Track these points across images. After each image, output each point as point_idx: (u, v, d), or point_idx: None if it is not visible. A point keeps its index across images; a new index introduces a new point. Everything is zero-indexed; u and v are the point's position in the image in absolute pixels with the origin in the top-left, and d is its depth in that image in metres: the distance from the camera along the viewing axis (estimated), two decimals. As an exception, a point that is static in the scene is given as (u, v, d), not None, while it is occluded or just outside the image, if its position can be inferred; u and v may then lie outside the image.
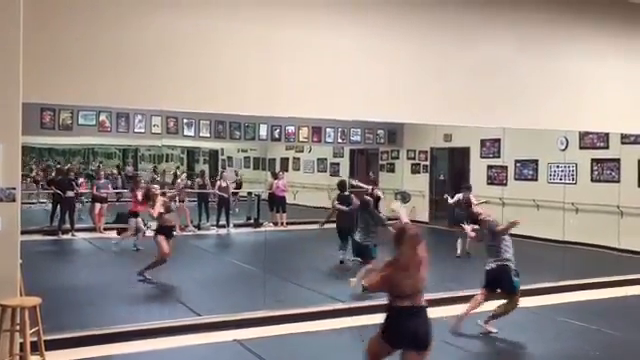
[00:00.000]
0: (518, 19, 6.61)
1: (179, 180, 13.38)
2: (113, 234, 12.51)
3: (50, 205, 12.82)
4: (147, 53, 5.06)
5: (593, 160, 11.28)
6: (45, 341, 4.79)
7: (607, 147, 11.04)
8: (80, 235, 12.11)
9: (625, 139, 10.66)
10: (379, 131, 14.84)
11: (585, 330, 6.04)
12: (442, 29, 6.23)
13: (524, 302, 6.99)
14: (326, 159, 17.31)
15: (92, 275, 8.68)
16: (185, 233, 12.52)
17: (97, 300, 6.98)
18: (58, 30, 4.79)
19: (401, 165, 15.63)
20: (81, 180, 14.38)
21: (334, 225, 9.70)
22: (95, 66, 4.92)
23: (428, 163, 14.99)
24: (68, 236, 12.00)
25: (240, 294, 7.49)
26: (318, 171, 17.53)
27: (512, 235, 6.06)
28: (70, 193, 12.07)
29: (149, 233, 10.97)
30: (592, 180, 11.29)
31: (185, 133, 12.72)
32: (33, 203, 15.22)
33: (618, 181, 10.86)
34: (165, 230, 8.09)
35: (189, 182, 13.69)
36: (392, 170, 15.91)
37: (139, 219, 10.36)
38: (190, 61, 5.21)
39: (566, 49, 6.93)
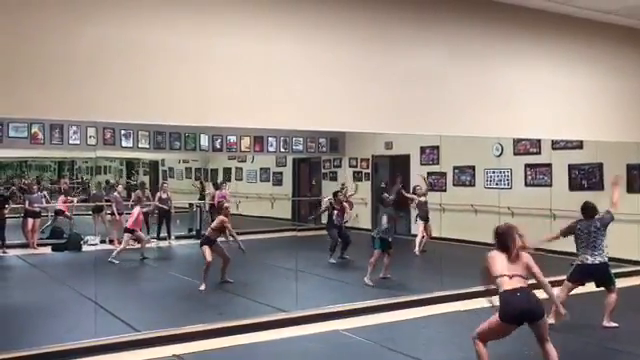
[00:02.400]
0: (451, 30, 6.78)
1: (115, 193, 13.01)
2: (47, 250, 12.10)
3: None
4: (80, 65, 4.90)
5: (526, 165, 11.68)
6: (-29, 365, 4.57)
7: (539, 153, 11.46)
8: (12, 252, 11.61)
9: (556, 145, 11.11)
10: (321, 140, 14.93)
11: (522, 330, 6.21)
12: (379, 39, 6.33)
13: (467, 305, 7.17)
14: (269, 168, 17.27)
15: (24, 293, 8.34)
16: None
17: (30, 319, 6.70)
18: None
19: (343, 173, 15.76)
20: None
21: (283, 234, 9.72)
22: (25, 77, 4.73)
23: (370, 171, 15.16)
24: (-1, 253, 11.50)
25: (181, 308, 7.35)
26: (261, 181, 17.47)
27: (450, 240, 6.19)
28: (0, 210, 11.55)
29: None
30: (526, 185, 11.70)
31: (123, 144, 12.42)
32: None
33: (550, 185, 11.29)
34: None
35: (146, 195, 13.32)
36: (335, 178, 16.01)
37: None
38: (125, 72, 5.07)
39: (500, 59, 7.16)
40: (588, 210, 6.31)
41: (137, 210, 10.82)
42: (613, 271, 6.53)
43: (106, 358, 5.36)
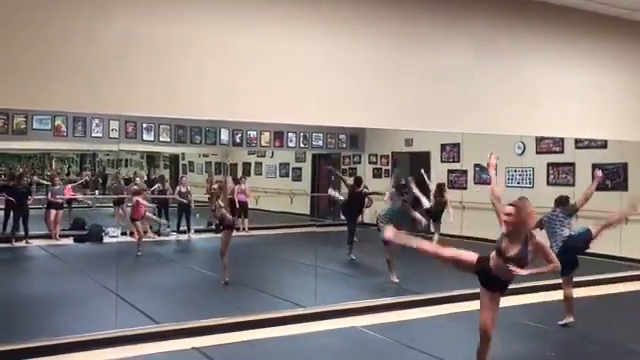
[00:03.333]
0: (474, 27, 6.71)
1: (135, 186, 13.14)
2: (69, 241, 12.26)
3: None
4: (103, 57, 4.94)
5: (549, 164, 11.55)
6: (-5, 353, 4.64)
7: (562, 152, 11.33)
8: (35, 242, 11.78)
9: (579, 144, 10.96)
10: (341, 136, 14.90)
11: (544, 331, 6.16)
12: (401, 35, 6.29)
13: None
14: (288, 164, 17.30)
15: (46, 284, 8.46)
16: (144, 239, 12.30)
17: (51, 309, 6.80)
18: (9, 34, 4.64)
19: (363, 169, 15.72)
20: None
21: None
22: (49, 70, 4.78)
23: (389, 167, 15.11)
24: (22, 243, 11.65)
25: (200, 301, 7.39)
26: (280, 176, 17.50)
27: (470, 238, 6.16)
28: (23, 201, 11.72)
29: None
30: (548, 184, 11.56)
31: (144, 138, 12.51)
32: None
33: (573, 185, 11.14)
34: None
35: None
36: (354, 174, 15.98)
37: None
38: (148, 66, 5.11)
39: (524, 57, 7.08)
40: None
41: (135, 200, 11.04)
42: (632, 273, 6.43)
43: (127, 349, 5.41)
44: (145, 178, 16.33)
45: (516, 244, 4.29)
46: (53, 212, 12.34)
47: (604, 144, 10.50)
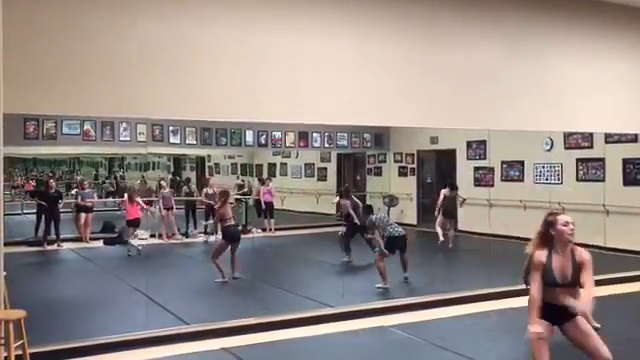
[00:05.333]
0: (502, 23, 6.65)
1: (162, 189, 13.31)
2: (99, 244, 12.45)
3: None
4: (130, 62, 5.02)
5: (578, 160, 11.36)
6: (30, 354, 4.72)
7: (591, 147, 11.13)
8: (66, 245, 11.99)
9: (609, 138, 10.75)
10: (366, 135, 14.86)
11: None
12: (427, 33, 6.26)
13: (516, 303, 7.02)
14: (313, 164, 17.30)
15: (78, 286, 8.60)
16: (172, 241, 12.48)
17: (83, 311, 6.91)
18: (40, 40, 4.74)
19: (388, 168, 15.66)
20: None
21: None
22: (78, 76, 4.88)
23: (415, 166, 15.03)
24: (54, 247, 11.87)
25: (228, 301, 7.44)
26: (305, 176, 17.52)
27: (498, 236, 6.07)
28: (55, 205, 11.94)
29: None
30: (577, 179, 11.38)
31: (171, 140, 12.66)
32: (18, 214, 15.06)
33: (603, 180, 10.94)
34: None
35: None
36: (379, 174, 15.94)
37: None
38: (173, 69, 5.18)
39: (549, 52, 6.99)
40: None
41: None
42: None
43: (157, 350, 5.46)
44: (170, 183, 16.51)
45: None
46: (83, 215, 12.55)
47: (634, 138, 10.29)
